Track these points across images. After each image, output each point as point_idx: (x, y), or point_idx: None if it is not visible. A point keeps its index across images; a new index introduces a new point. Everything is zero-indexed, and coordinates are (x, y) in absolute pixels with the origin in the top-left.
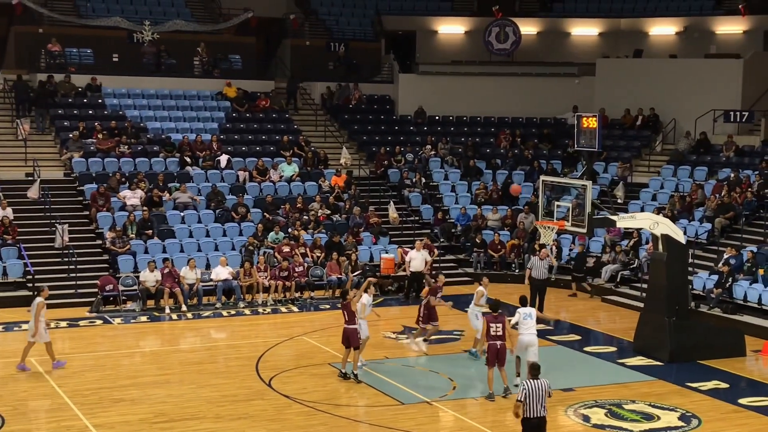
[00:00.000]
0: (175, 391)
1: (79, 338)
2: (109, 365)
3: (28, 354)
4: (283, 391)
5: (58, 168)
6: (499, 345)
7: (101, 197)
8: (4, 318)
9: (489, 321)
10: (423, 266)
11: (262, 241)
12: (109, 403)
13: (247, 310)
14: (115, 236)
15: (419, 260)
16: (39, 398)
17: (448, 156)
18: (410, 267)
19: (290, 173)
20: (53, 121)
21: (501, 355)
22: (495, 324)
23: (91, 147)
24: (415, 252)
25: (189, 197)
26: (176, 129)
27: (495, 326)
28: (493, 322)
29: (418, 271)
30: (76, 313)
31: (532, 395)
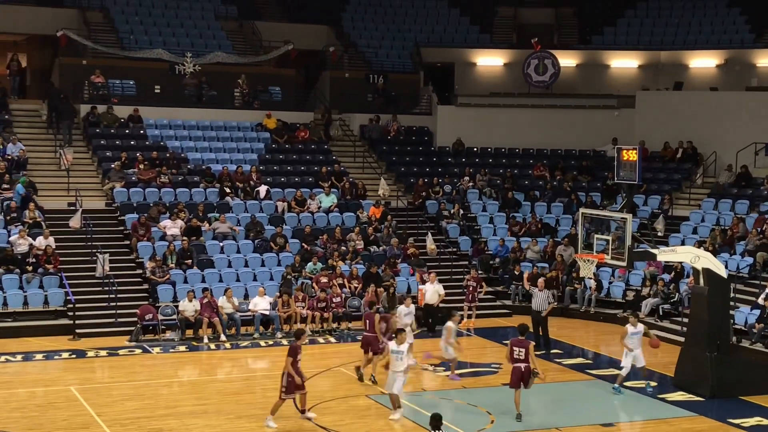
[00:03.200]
0: (213, 421)
1: (118, 367)
2: (147, 394)
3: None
4: (320, 422)
5: (99, 198)
6: (523, 368)
7: (142, 227)
8: (45, 346)
9: (513, 344)
10: (436, 299)
11: (300, 271)
12: None
13: (285, 341)
14: (155, 266)
15: (431, 292)
16: (78, 427)
17: (486, 187)
18: (423, 299)
19: (328, 204)
20: (96, 152)
21: (525, 378)
22: (518, 348)
23: (133, 177)
24: (429, 284)
25: (228, 227)
26: (216, 160)
27: (518, 350)
28: (516, 346)
29: (431, 303)
30: (115, 342)
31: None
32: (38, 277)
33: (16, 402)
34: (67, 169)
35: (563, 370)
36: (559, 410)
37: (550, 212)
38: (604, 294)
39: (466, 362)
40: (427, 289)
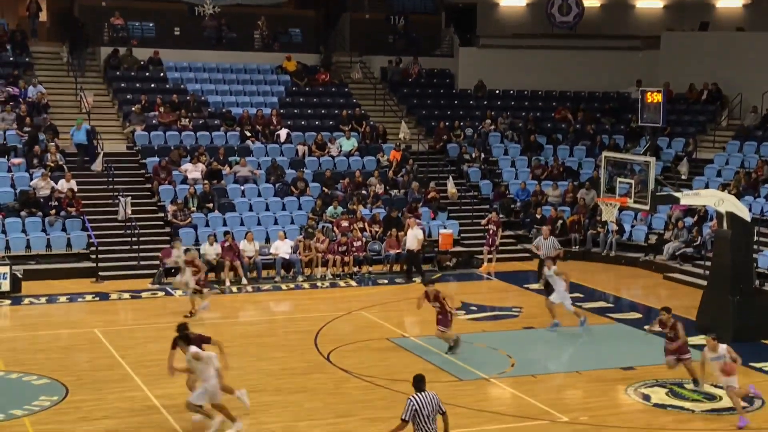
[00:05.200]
0: (235, 364)
1: (141, 310)
2: (170, 337)
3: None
4: (342, 365)
5: (120, 141)
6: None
7: (163, 170)
8: (68, 289)
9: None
10: (415, 244)
11: (321, 215)
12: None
13: (306, 284)
14: (177, 209)
15: (411, 237)
16: (102, 369)
17: (508, 131)
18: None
19: (349, 148)
20: (116, 94)
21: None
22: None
23: (153, 120)
24: (409, 230)
25: (249, 171)
26: (236, 103)
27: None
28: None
29: (411, 249)
30: (138, 284)
31: (420, 412)
32: (61, 220)
33: (41, 344)
34: (88, 112)
35: (584, 313)
36: (579, 354)
37: (572, 155)
38: (626, 238)
39: (486, 305)
40: (408, 235)
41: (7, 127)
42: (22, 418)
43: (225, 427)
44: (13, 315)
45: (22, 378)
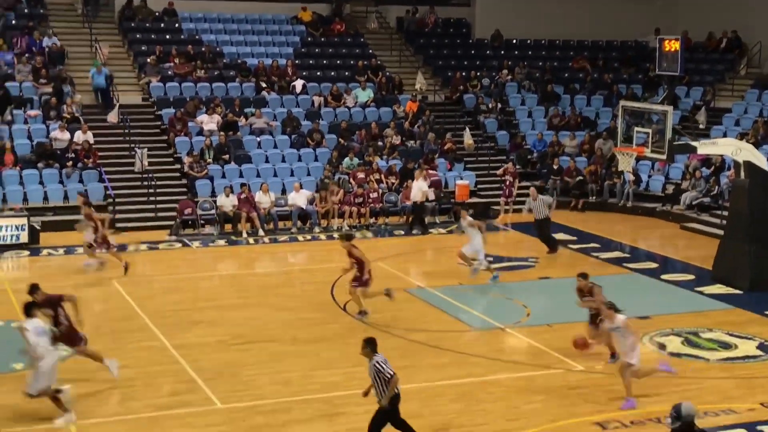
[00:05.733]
0: (252, 314)
1: (158, 261)
2: (188, 287)
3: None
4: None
5: (136, 92)
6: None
7: (179, 122)
8: (83, 240)
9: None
10: (420, 196)
11: (337, 167)
12: (188, 325)
13: (323, 236)
14: (193, 161)
15: (416, 190)
16: (120, 320)
17: (524, 81)
18: (411, 197)
19: (365, 98)
20: (131, 46)
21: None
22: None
23: (169, 72)
24: (414, 182)
25: (265, 122)
26: (252, 54)
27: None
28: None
29: (416, 201)
30: (155, 236)
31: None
32: (78, 172)
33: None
34: (103, 64)
35: (601, 263)
36: None
37: (589, 105)
38: (643, 188)
39: (503, 256)
40: (413, 187)
41: (23, 79)
42: None
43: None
44: (31, 266)
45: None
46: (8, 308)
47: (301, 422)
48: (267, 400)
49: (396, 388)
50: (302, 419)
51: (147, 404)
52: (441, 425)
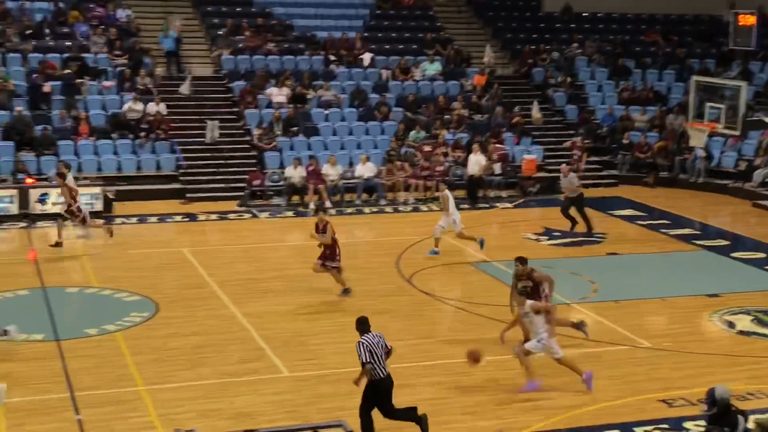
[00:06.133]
0: (319, 285)
1: (228, 231)
2: (256, 257)
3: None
4: (423, 287)
5: (208, 65)
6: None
7: (249, 94)
8: (158, 209)
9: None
10: (476, 169)
11: (404, 140)
12: (256, 294)
13: (389, 208)
14: (262, 133)
15: (472, 163)
16: (190, 287)
17: (595, 54)
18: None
19: (433, 72)
20: (203, 18)
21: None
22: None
23: (240, 45)
24: (471, 155)
25: (333, 95)
26: (321, 27)
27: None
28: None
29: (472, 174)
30: (225, 206)
31: (374, 353)
32: (150, 143)
33: (133, 262)
34: (177, 37)
35: (670, 240)
36: (663, 280)
37: (661, 80)
38: (715, 164)
39: (570, 231)
40: (470, 160)
41: (98, 51)
42: (114, 333)
43: None
44: (106, 234)
45: (115, 295)
46: (84, 275)
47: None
48: (333, 369)
49: (380, 373)
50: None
51: (217, 371)
52: (505, 399)
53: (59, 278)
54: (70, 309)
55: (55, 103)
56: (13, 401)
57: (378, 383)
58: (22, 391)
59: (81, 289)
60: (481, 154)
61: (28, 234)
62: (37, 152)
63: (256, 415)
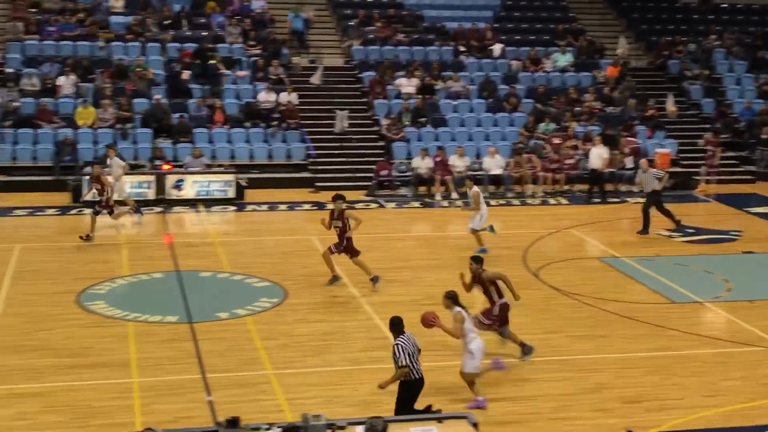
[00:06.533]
0: (444, 276)
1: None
2: (383, 247)
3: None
4: (551, 282)
5: (338, 55)
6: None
7: (378, 85)
8: (288, 197)
9: None
10: (599, 163)
11: (533, 132)
12: (382, 283)
13: (516, 201)
14: (391, 123)
15: (594, 156)
16: (318, 275)
17: (734, 47)
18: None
19: (564, 63)
20: (335, 9)
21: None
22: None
23: (370, 35)
24: (593, 148)
25: (461, 86)
26: (451, 17)
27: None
28: None
29: (594, 168)
30: (353, 195)
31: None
32: (282, 132)
33: (262, 249)
34: (309, 27)
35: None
36: None
37: None
38: None
39: (703, 228)
40: (592, 153)
41: (233, 41)
42: (244, 318)
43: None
44: (237, 221)
45: (245, 280)
46: (217, 260)
47: (492, 386)
48: (457, 361)
49: (415, 374)
50: (491, 383)
51: (342, 358)
52: (633, 397)
53: (193, 262)
54: (203, 293)
55: (192, 92)
56: (149, 380)
57: (413, 383)
58: (156, 371)
59: (213, 274)
60: (604, 146)
61: (163, 219)
62: (174, 139)
63: (381, 403)
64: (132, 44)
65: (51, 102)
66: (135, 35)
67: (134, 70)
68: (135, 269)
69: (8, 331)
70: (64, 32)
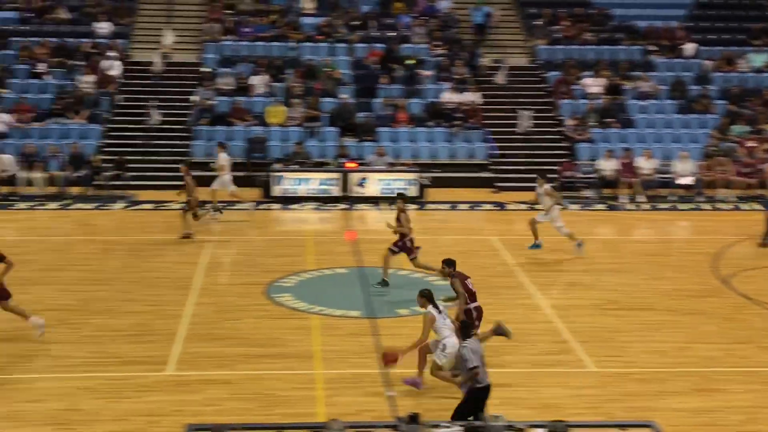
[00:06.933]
0: (627, 280)
1: None
2: (563, 249)
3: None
4: (742, 290)
5: (523, 55)
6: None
7: (563, 85)
8: (468, 197)
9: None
10: None
11: (725, 134)
12: (563, 286)
13: (707, 206)
14: (576, 124)
15: None
16: (499, 275)
17: None
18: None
19: (760, 63)
20: (521, 8)
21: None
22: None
23: (557, 34)
24: None
25: (650, 86)
26: (642, 16)
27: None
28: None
29: None
30: (534, 197)
31: (481, 359)
32: (464, 132)
33: (443, 248)
34: (489, 26)
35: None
36: None
37: None
38: None
39: None
40: None
41: (418, 41)
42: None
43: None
44: (418, 219)
45: (426, 278)
46: (398, 257)
47: (676, 394)
48: (640, 368)
49: (479, 380)
50: (676, 391)
51: (522, 360)
52: None
53: (376, 259)
54: (385, 289)
55: (378, 91)
56: (332, 373)
57: (480, 390)
58: (339, 363)
59: (394, 271)
60: None
61: (347, 215)
62: (359, 138)
63: (561, 407)
64: (321, 45)
65: (244, 100)
66: (324, 36)
67: (323, 70)
68: (320, 264)
69: (200, 320)
70: (257, 33)
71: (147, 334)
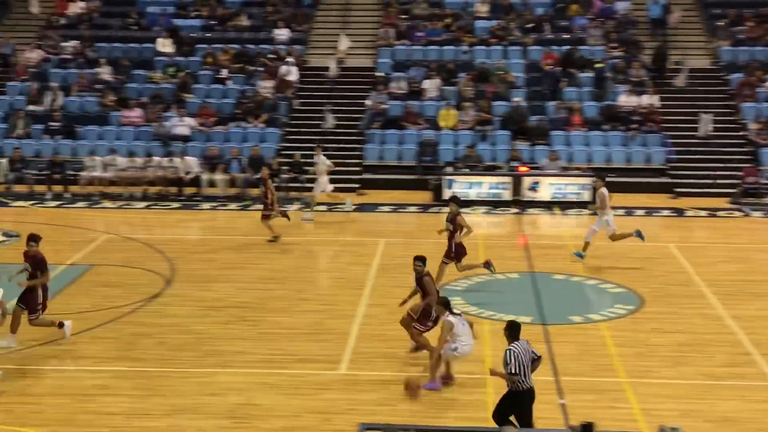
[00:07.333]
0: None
1: (716, 228)
2: (746, 258)
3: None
4: None
5: (704, 57)
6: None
7: (747, 87)
8: (645, 202)
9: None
10: None
11: None
12: (746, 296)
13: None
14: (761, 128)
15: None
16: (676, 284)
17: None
18: None
19: None
20: (704, 9)
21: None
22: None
23: (740, 35)
24: None
25: None
26: None
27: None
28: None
29: None
30: (714, 203)
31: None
32: (641, 135)
33: (618, 254)
34: (672, 27)
35: None
36: None
37: None
38: None
39: None
40: None
41: (594, 43)
42: (598, 323)
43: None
44: (591, 225)
45: (600, 285)
46: (571, 263)
47: None
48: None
49: (522, 385)
50: None
51: (700, 371)
52: None
53: (547, 265)
54: (557, 295)
55: (558, 93)
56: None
57: (520, 395)
58: None
59: (567, 277)
60: None
61: (519, 220)
62: (531, 142)
63: (740, 421)
64: (494, 48)
65: (416, 104)
66: (498, 39)
67: (496, 73)
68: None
69: (371, 321)
70: (430, 37)
71: (322, 333)
